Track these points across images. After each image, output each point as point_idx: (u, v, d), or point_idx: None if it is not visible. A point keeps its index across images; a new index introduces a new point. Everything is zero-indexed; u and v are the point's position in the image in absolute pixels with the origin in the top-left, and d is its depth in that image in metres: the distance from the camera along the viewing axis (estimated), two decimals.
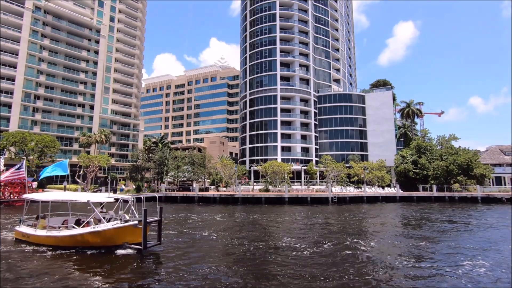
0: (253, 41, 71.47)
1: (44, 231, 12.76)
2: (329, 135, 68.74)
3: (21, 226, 14.01)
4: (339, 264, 11.12)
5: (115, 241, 11.95)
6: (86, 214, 14.73)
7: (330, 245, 14.36)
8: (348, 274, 9.99)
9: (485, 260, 11.88)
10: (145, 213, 11.48)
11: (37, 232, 12.89)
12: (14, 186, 34.87)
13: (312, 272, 10.05)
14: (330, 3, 77.36)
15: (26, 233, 13.34)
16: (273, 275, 9.84)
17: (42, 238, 12.69)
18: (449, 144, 57.18)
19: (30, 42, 60.20)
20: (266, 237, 16.43)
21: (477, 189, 43.67)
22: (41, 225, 13.29)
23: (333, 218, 25.31)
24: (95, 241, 11.97)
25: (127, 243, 11.97)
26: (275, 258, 11.95)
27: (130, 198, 12.98)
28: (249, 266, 11.05)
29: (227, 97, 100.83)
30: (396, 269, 10.61)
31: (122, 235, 11.85)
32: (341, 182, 52.55)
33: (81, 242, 12.10)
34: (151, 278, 9.65)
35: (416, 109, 73.20)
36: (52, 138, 47.84)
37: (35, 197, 14.05)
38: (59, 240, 12.30)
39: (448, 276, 9.94)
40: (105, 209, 14.22)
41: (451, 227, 20.25)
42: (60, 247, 12.19)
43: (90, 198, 12.52)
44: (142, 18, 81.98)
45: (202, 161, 51.19)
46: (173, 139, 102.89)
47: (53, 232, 12.43)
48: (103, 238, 11.88)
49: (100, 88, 69.27)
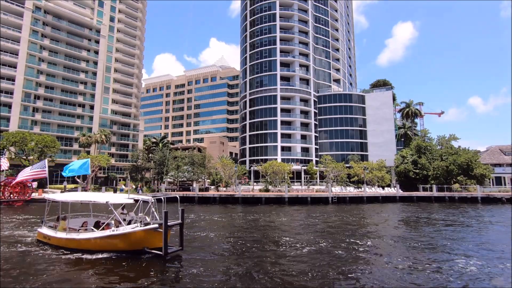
0: (253, 41, 71.47)
1: (64, 234, 12.44)
2: (329, 135, 68.74)
3: (42, 228, 13.74)
4: (338, 263, 11.12)
5: (134, 246, 11.36)
6: (107, 215, 14.36)
7: (330, 244, 14.36)
8: (345, 273, 9.99)
9: (485, 260, 11.87)
10: (166, 216, 10.84)
11: (57, 235, 12.60)
12: (14, 186, 34.87)
13: (313, 271, 10.05)
14: (330, 3, 77.35)
15: (47, 234, 13.08)
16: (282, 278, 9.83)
17: (62, 240, 12.38)
18: (449, 144, 57.17)
19: (30, 42, 60.20)
20: (281, 238, 16.43)
21: (477, 189, 43.65)
22: (61, 226, 12.94)
23: (332, 218, 25.31)
24: (113, 245, 11.51)
25: (147, 248, 11.30)
26: (277, 260, 11.95)
27: (151, 199, 12.43)
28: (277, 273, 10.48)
29: (227, 97, 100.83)
30: (395, 269, 10.61)
31: (142, 239, 11.22)
32: (341, 182, 52.54)
33: (99, 246, 11.67)
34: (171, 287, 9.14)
35: (416, 109, 73.22)
36: (52, 138, 47.84)
37: (56, 198, 13.63)
38: (78, 243, 11.99)
39: (448, 276, 9.94)
40: (125, 210, 13.77)
41: (450, 227, 20.24)
42: (79, 250, 11.87)
43: (110, 199, 12.04)
44: (142, 18, 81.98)
45: (202, 161, 51.19)
46: (173, 139, 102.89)
47: (72, 235, 12.14)
48: (121, 242, 11.37)
49: (100, 88, 69.28)
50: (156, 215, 12.30)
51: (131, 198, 12.25)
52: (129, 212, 13.48)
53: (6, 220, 21.75)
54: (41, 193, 41.36)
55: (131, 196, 12.72)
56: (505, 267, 11.02)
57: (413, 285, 9.08)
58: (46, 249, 12.51)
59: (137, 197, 12.71)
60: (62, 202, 13.98)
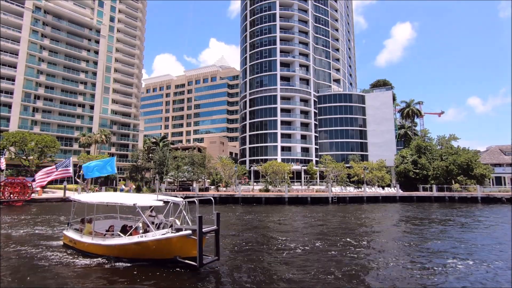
0: (253, 41, 71.47)
1: (89, 238, 11.55)
2: (329, 135, 68.74)
3: (68, 230, 12.95)
4: (338, 263, 11.12)
5: (164, 254, 10.19)
6: (135, 217, 13.62)
7: (329, 245, 14.36)
8: (343, 273, 9.99)
9: (484, 259, 11.87)
10: (201, 221, 9.54)
11: (83, 239, 11.77)
12: (14, 186, 34.87)
13: (316, 271, 10.06)
14: (330, 3, 77.35)
15: (73, 238, 12.27)
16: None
17: (87, 245, 11.52)
18: (449, 144, 57.19)
19: (30, 42, 60.21)
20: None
21: (477, 189, 43.65)
22: (87, 230, 12.13)
23: (333, 218, 25.31)
24: (141, 252, 10.44)
25: (178, 257, 10.03)
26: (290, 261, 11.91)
27: (182, 201, 11.48)
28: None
29: (227, 97, 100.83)
30: (393, 269, 10.61)
31: (173, 247, 10.02)
32: (341, 182, 52.55)
33: (126, 253, 10.66)
34: None
35: (416, 109, 73.22)
36: (52, 138, 47.85)
37: (81, 199, 12.76)
38: (103, 249, 11.09)
39: (447, 275, 9.94)
40: (154, 212, 12.65)
41: (450, 227, 20.25)
42: (104, 257, 10.99)
43: (137, 201, 10.89)
44: (142, 18, 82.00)
45: (202, 161, 51.20)
46: (173, 139, 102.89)
47: (98, 240, 11.29)
48: (150, 249, 10.27)
49: (100, 88, 69.28)
50: (188, 220, 11.25)
51: (160, 200, 11.20)
52: (158, 215, 12.41)
53: (30, 219, 21.73)
54: (41, 193, 41.38)
55: (160, 197, 11.48)
56: (504, 266, 11.02)
57: (413, 285, 9.08)
58: (71, 254, 11.73)
59: (166, 199, 11.59)
60: (88, 204, 13.00)
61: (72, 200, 13.35)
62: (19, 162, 45.83)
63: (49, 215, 24.76)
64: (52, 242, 14.05)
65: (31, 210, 28.77)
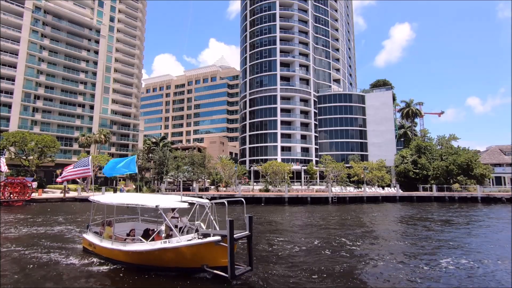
0: (253, 41, 71.48)
1: (109, 243, 10.70)
2: (329, 135, 68.74)
3: (88, 233, 12.24)
4: (339, 263, 11.11)
5: (190, 263, 9.20)
6: (157, 219, 12.94)
7: (330, 244, 14.36)
8: (347, 273, 9.98)
9: (484, 259, 11.87)
10: (232, 226, 8.52)
11: (103, 243, 10.95)
12: (14, 186, 34.85)
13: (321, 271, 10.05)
14: (330, 3, 77.36)
15: (92, 242, 11.50)
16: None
17: (107, 251, 10.69)
18: (449, 144, 57.19)
19: (30, 42, 60.20)
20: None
21: (477, 189, 43.66)
22: (106, 233, 11.37)
23: (333, 218, 25.31)
24: (164, 260, 9.50)
25: (206, 266, 8.96)
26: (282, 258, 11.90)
27: (207, 202, 10.60)
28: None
29: (227, 97, 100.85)
30: (394, 269, 10.61)
31: (200, 254, 9.01)
32: (341, 182, 52.55)
33: (147, 260, 9.75)
34: None
35: (416, 109, 73.20)
36: (52, 138, 47.84)
37: (100, 200, 12.03)
38: (123, 255, 10.19)
39: (446, 275, 9.94)
40: (177, 213, 11.74)
41: (450, 227, 20.24)
42: (125, 263, 10.19)
43: (160, 202, 10.01)
44: (142, 18, 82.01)
45: (202, 161, 51.21)
46: (173, 139, 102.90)
47: (118, 245, 10.37)
48: (174, 257, 9.32)
49: (100, 88, 69.28)
50: (216, 224, 10.30)
51: (185, 202, 10.39)
52: (181, 218, 11.53)
53: (51, 218, 21.72)
54: (41, 193, 41.36)
55: (184, 198, 10.65)
56: (504, 266, 11.02)
57: (413, 285, 9.08)
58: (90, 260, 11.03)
59: (191, 200, 10.79)
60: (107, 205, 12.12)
61: (91, 201, 12.53)
62: (19, 162, 45.81)
63: (57, 215, 24.74)
64: (72, 245, 13.55)
65: (47, 210, 28.76)
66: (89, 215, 14.62)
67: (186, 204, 10.14)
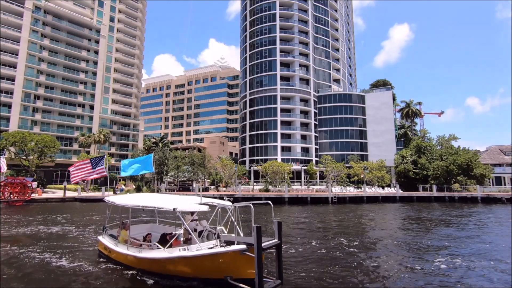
0: (253, 41, 71.49)
1: (124, 248, 10.03)
2: (329, 135, 68.74)
3: (104, 236, 11.64)
4: (339, 263, 11.11)
5: (211, 273, 8.35)
6: (175, 221, 12.34)
7: (329, 244, 14.35)
8: (339, 272, 9.98)
9: (483, 259, 11.87)
10: (259, 233, 7.65)
11: (118, 248, 10.29)
12: (14, 186, 34.88)
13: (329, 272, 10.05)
14: (330, 3, 77.37)
15: (108, 246, 10.88)
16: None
17: (122, 256, 10.05)
18: (449, 144, 57.20)
19: (30, 42, 60.19)
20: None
21: (477, 189, 43.65)
22: (122, 238, 10.69)
23: (333, 218, 25.31)
24: (183, 269, 8.63)
25: (230, 278, 8.09)
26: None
27: (230, 205, 9.69)
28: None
29: (227, 97, 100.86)
30: (393, 269, 10.61)
31: (223, 264, 8.15)
32: (341, 182, 52.57)
33: (164, 269, 8.98)
34: None
35: (416, 109, 73.21)
36: (52, 138, 47.82)
37: (115, 201, 11.35)
38: (139, 262, 9.48)
39: (446, 275, 9.94)
40: (196, 216, 10.92)
41: (450, 227, 20.24)
42: (141, 270, 9.45)
43: (178, 205, 9.17)
44: (142, 18, 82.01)
45: (202, 161, 51.23)
46: (173, 139, 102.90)
47: (133, 251, 9.67)
48: (194, 267, 8.48)
49: (100, 88, 69.27)
50: (240, 230, 9.39)
51: (205, 204, 9.53)
52: (201, 221, 10.70)
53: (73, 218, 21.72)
54: (41, 193, 41.37)
55: (204, 200, 9.80)
56: (504, 267, 11.01)
57: (413, 285, 9.08)
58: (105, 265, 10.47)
59: (212, 202, 9.96)
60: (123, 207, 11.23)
61: (106, 201, 11.88)
62: (19, 162, 45.81)
63: (65, 215, 24.75)
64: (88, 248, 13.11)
65: (50, 209, 28.75)
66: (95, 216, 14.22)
67: (207, 207, 9.29)
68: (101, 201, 39.99)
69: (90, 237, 15.63)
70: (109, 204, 11.72)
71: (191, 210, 9.63)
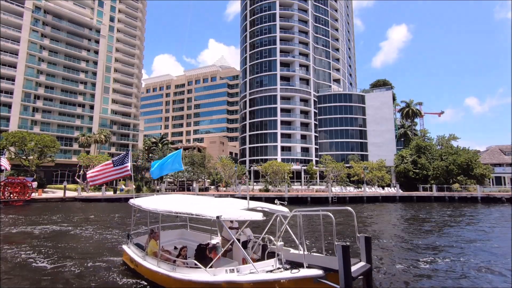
0: (253, 41, 71.48)
1: (154, 263, 8.15)
2: (329, 135, 68.73)
3: (129, 245, 9.95)
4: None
5: None
6: (210, 228, 10.63)
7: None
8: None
9: (483, 259, 11.87)
10: (347, 254, 5.81)
11: (146, 264, 8.43)
12: (14, 186, 34.86)
13: None
14: (330, 3, 77.35)
15: (134, 259, 9.11)
16: None
17: (151, 273, 8.15)
18: (449, 144, 57.20)
19: (30, 42, 60.17)
20: None
21: (477, 189, 43.63)
22: (150, 249, 8.92)
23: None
24: None
25: None
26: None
27: (287, 212, 7.91)
28: None
29: (227, 97, 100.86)
30: (392, 269, 10.61)
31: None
32: (341, 182, 52.59)
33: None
34: None
35: (416, 109, 73.21)
36: (52, 138, 47.81)
37: (142, 205, 9.39)
38: (174, 283, 7.41)
39: (445, 275, 9.94)
40: (236, 223, 9.12)
41: (450, 227, 20.24)
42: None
43: (223, 212, 7.08)
44: (142, 18, 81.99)
45: (202, 161, 51.26)
46: (173, 139, 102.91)
47: (166, 268, 7.73)
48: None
49: (100, 88, 69.26)
50: (303, 245, 7.25)
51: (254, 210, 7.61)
52: (244, 229, 8.52)
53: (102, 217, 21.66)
54: (41, 193, 41.36)
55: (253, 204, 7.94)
56: (504, 267, 11.01)
57: (413, 285, 9.08)
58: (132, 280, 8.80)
59: (262, 207, 8.12)
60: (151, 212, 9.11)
61: (131, 205, 10.12)
62: (19, 162, 45.81)
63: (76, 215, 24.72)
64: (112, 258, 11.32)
65: (53, 209, 28.73)
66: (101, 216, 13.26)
67: (261, 215, 7.01)
68: (101, 200, 40.04)
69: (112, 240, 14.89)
70: (134, 207, 9.98)
71: (241, 219, 7.32)
